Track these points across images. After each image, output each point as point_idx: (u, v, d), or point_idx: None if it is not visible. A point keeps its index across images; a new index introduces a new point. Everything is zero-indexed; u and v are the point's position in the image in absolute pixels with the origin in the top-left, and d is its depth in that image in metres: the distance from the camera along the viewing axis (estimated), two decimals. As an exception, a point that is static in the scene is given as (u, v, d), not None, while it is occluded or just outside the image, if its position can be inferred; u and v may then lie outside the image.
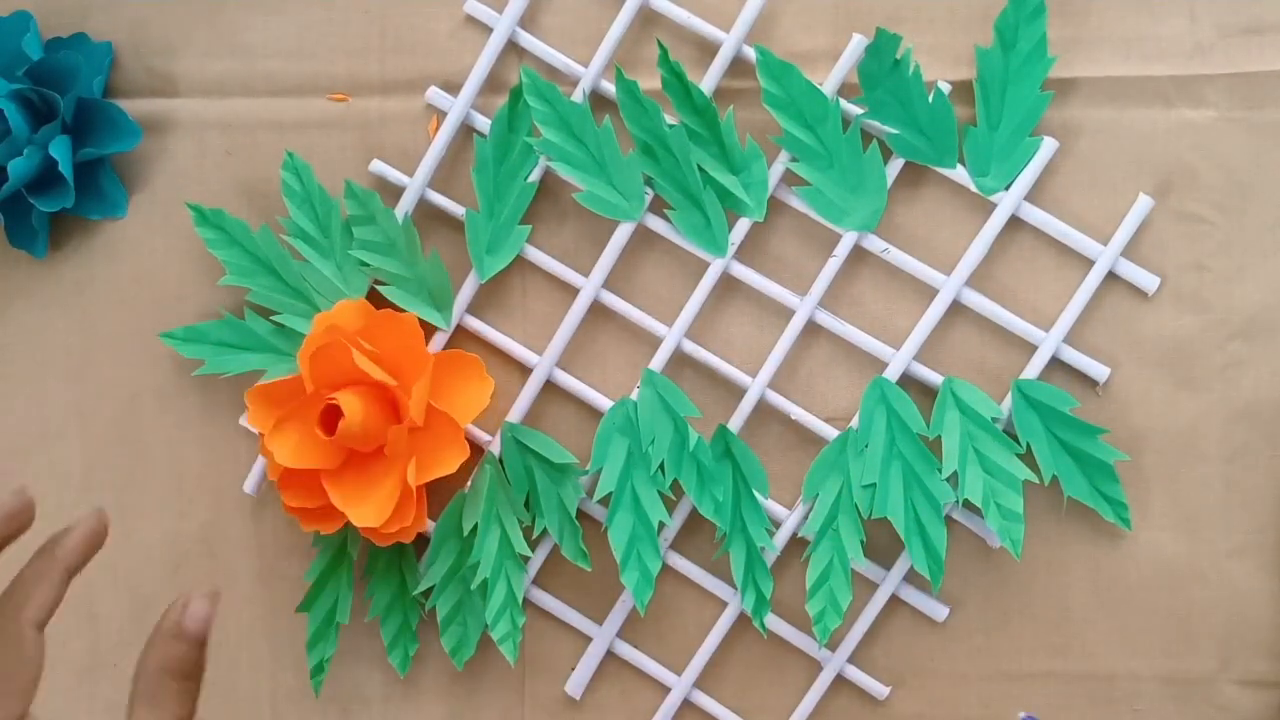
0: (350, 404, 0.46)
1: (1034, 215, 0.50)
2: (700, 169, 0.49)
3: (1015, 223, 0.50)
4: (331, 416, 0.47)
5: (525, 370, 0.51)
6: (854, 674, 0.51)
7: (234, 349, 0.51)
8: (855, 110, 0.49)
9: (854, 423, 0.50)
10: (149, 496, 0.53)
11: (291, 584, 0.53)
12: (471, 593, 0.51)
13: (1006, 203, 0.49)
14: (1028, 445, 0.49)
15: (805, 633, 0.51)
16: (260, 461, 0.52)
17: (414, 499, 0.48)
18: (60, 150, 0.50)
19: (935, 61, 0.49)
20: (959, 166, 0.49)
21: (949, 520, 0.50)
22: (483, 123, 0.51)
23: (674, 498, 0.51)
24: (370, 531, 0.48)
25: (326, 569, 0.51)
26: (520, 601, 0.51)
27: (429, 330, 0.51)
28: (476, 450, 0.51)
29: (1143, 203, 0.49)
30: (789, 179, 0.50)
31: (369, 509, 0.48)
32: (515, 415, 0.51)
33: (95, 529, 0.37)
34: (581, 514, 0.51)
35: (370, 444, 0.48)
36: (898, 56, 0.48)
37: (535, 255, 0.51)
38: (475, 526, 0.51)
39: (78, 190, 0.51)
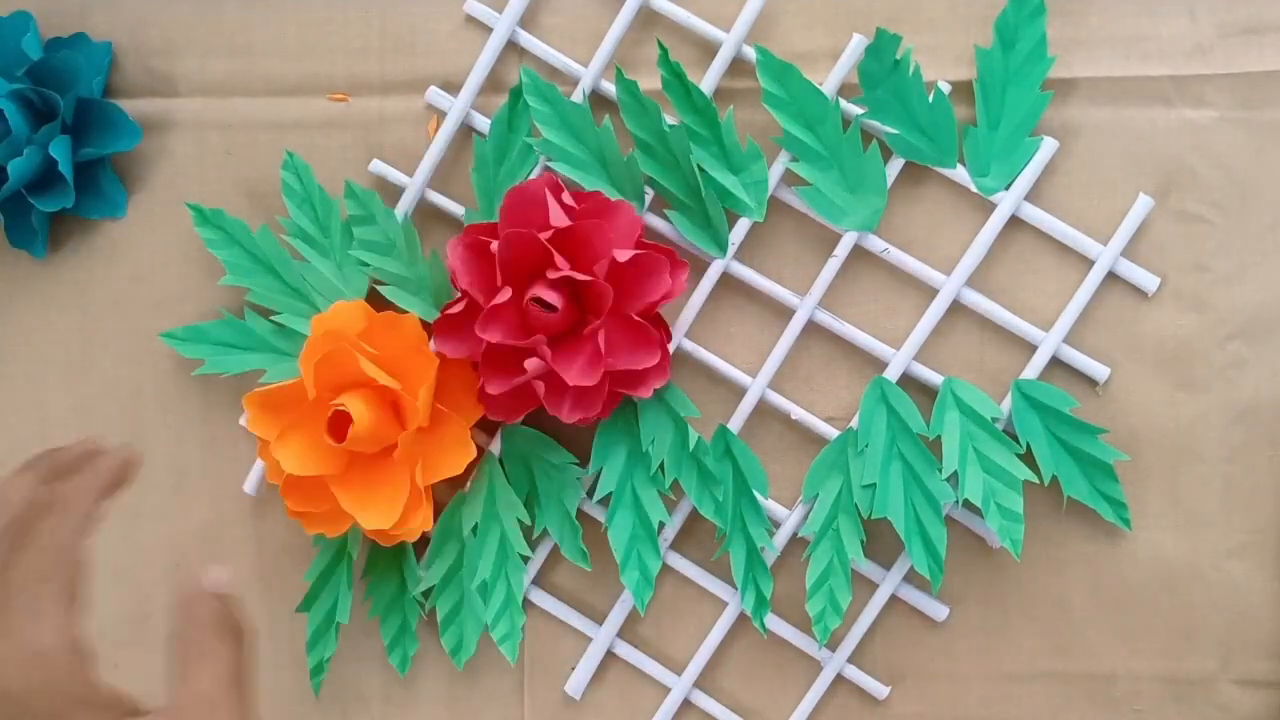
0: (359, 410, 0.46)
1: (1034, 215, 0.50)
2: (700, 169, 0.49)
3: (1015, 223, 0.50)
4: (337, 421, 0.47)
5: (525, 370, 0.51)
6: (854, 674, 0.51)
7: (234, 349, 0.51)
8: (855, 110, 0.49)
9: (854, 423, 0.50)
10: (149, 496, 0.53)
11: (291, 584, 0.53)
12: (471, 593, 0.51)
13: (1006, 203, 0.49)
14: (1028, 445, 0.49)
15: (805, 632, 0.51)
16: (260, 461, 0.52)
17: (422, 499, 0.48)
18: (60, 150, 0.49)
19: (935, 61, 0.49)
20: (959, 166, 0.49)
21: (949, 520, 0.50)
22: (482, 123, 0.51)
23: (674, 498, 0.51)
24: (377, 532, 0.48)
25: (326, 569, 0.51)
26: (520, 601, 0.51)
27: (429, 331, 0.51)
28: (477, 450, 0.51)
29: (1142, 203, 0.49)
30: (789, 179, 0.50)
31: (379, 512, 0.48)
32: (515, 415, 0.51)
33: (128, 460, 0.40)
34: (581, 514, 0.51)
35: (376, 446, 0.48)
36: (898, 56, 0.48)
37: (535, 255, 0.51)
38: (475, 526, 0.51)
39: (78, 190, 0.51)
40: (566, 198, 0.47)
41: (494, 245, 0.46)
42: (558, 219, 0.46)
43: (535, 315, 0.46)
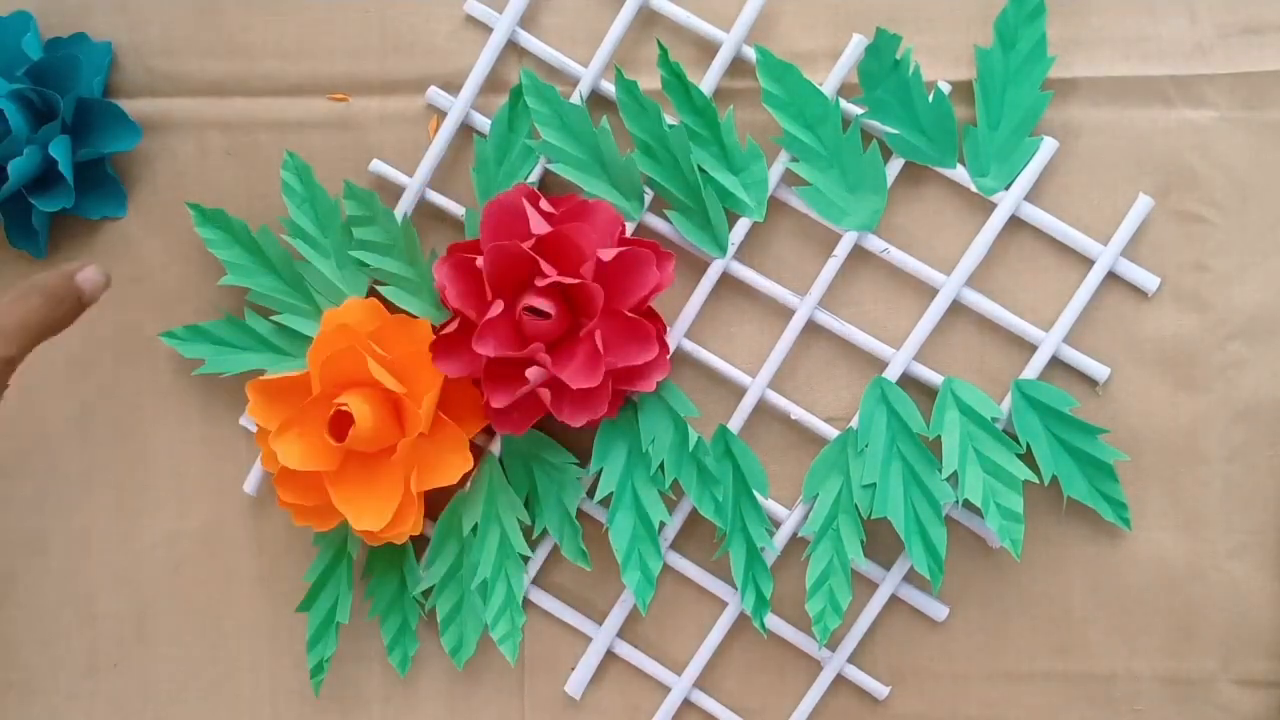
0: (361, 411, 0.46)
1: (1034, 215, 0.50)
2: (700, 169, 0.49)
3: (1015, 223, 0.50)
4: (338, 420, 0.47)
5: (525, 370, 0.51)
6: (854, 674, 0.51)
7: (234, 348, 0.51)
8: (855, 110, 0.49)
9: (854, 423, 0.50)
10: (149, 496, 0.53)
11: (291, 584, 0.53)
12: (471, 593, 0.51)
13: (1006, 203, 0.49)
14: (1027, 445, 0.49)
15: (805, 632, 0.51)
16: (260, 463, 0.52)
17: (414, 504, 0.48)
18: (60, 150, 0.49)
19: (935, 61, 0.49)
20: (959, 166, 0.49)
21: (949, 520, 0.50)
22: (483, 122, 0.51)
23: (674, 497, 0.51)
24: (366, 532, 0.48)
25: (326, 569, 0.51)
26: (520, 601, 0.51)
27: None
28: (476, 450, 0.51)
29: (1143, 203, 0.49)
30: (789, 179, 0.50)
31: (371, 513, 0.48)
32: (515, 415, 0.51)
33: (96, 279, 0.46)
34: (581, 513, 0.51)
35: (374, 447, 0.48)
36: (898, 56, 0.48)
37: (535, 255, 0.51)
38: (475, 526, 0.51)
39: (78, 190, 0.51)
40: (544, 204, 0.47)
41: (479, 261, 0.46)
42: (538, 226, 0.46)
43: (530, 324, 0.46)
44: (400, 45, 0.51)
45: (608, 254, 0.46)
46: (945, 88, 0.49)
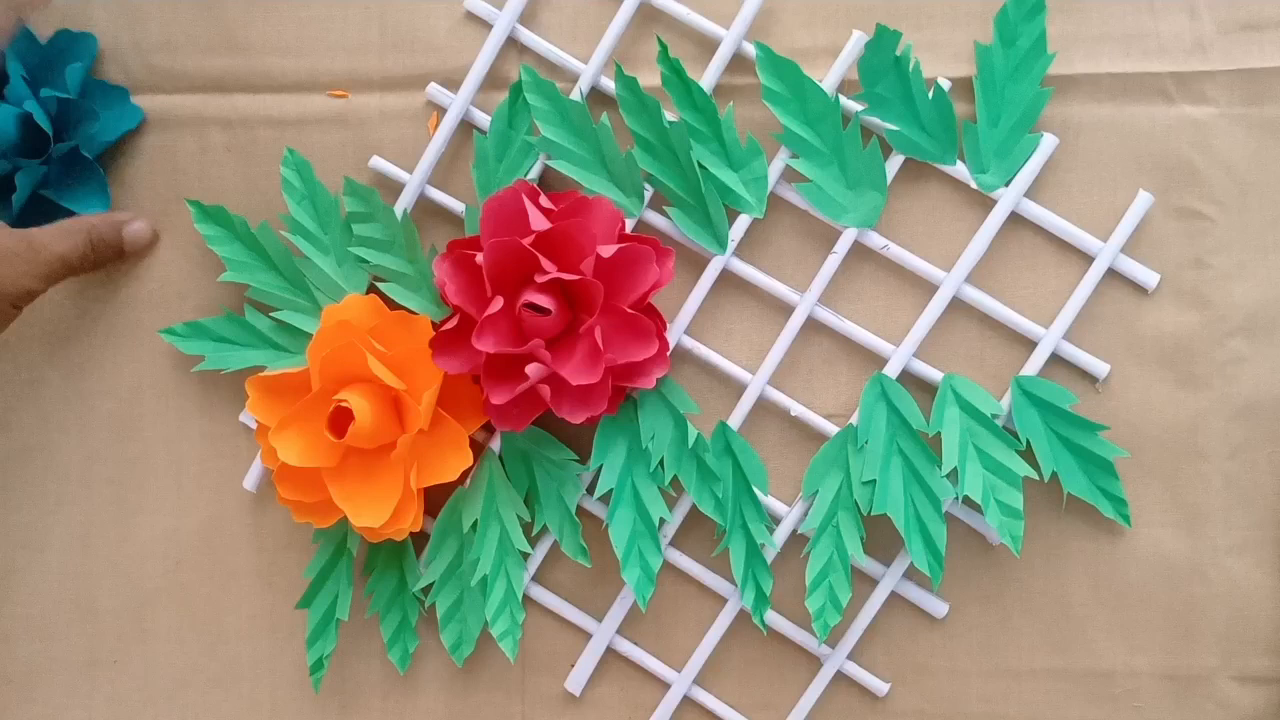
0: (361, 407, 0.46)
1: (1034, 212, 0.50)
2: (700, 166, 0.49)
3: (1015, 219, 0.50)
4: (338, 416, 0.47)
5: (525, 367, 0.51)
6: (854, 670, 0.51)
7: (234, 345, 0.51)
8: (855, 107, 0.49)
9: (854, 419, 0.50)
10: (149, 493, 0.53)
11: (291, 580, 0.53)
12: (471, 589, 0.51)
13: (1006, 199, 0.49)
14: (1027, 442, 0.49)
15: (805, 629, 0.51)
16: (260, 460, 0.52)
17: (414, 500, 0.48)
18: (24, 181, 0.49)
19: (935, 58, 0.49)
20: (959, 163, 0.49)
21: (949, 517, 0.50)
22: (482, 119, 0.51)
23: (674, 494, 0.51)
24: (366, 528, 0.48)
25: (326, 565, 0.52)
26: (520, 598, 0.51)
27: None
28: (476, 447, 0.51)
29: (1143, 199, 0.49)
30: (789, 175, 0.50)
31: (370, 509, 0.48)
32: (515, 412, 0.51)
33: (144, 232, 0.51)
34: (581, 510, 0.51)
35: (374, 443, 0.48)
36: (898, 53, 0.48)
37: (535, 252, 0.51)
38: (475, 523, 0.51)
39: (25, 216, 0.50)
40: (544, 200, 0.47)
41: (479, 257, 0.46)
42: (538, 223, 0.46)
43: (530, 320, 0.46)
44: (400, 42, 0.51)
45: (608, 250, 0.46)
46: (945, 84, 0.49)
